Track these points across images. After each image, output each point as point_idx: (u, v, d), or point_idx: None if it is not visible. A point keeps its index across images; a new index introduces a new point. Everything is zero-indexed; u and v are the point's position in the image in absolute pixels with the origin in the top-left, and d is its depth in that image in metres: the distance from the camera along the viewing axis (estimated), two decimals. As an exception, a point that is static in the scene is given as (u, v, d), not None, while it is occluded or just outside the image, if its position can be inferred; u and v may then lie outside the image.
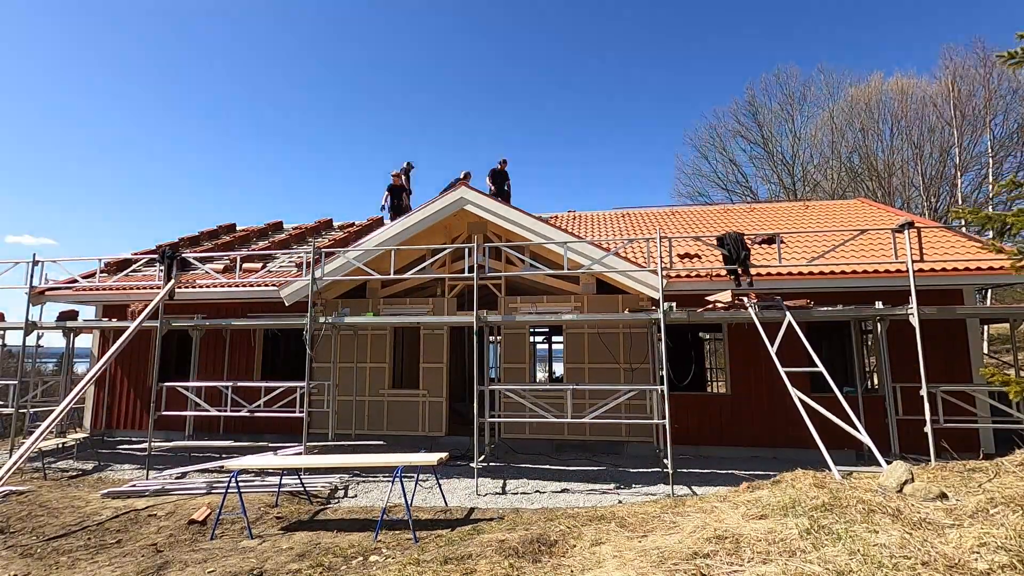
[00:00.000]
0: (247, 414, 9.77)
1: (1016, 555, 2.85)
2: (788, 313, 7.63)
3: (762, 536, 3.50)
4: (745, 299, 8.04)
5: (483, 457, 8.18)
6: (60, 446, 10.29)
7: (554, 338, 18.55)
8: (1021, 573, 2.72)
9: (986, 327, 19.91)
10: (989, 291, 20.24)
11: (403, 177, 13.73)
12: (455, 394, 12.86)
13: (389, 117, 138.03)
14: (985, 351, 16.32)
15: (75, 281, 11.54)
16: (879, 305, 7.64)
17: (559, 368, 14.40)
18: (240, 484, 6.49)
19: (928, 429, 7.08)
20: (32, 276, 10.07)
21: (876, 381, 11.34)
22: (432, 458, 6.49)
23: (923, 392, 7.14)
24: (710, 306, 8.36)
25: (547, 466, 9.13)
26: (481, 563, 4.20)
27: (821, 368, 7.01)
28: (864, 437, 6.25)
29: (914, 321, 7.33)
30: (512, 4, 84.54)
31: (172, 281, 9.88)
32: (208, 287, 11.08)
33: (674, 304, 8.23)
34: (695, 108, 70.69)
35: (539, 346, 19.42)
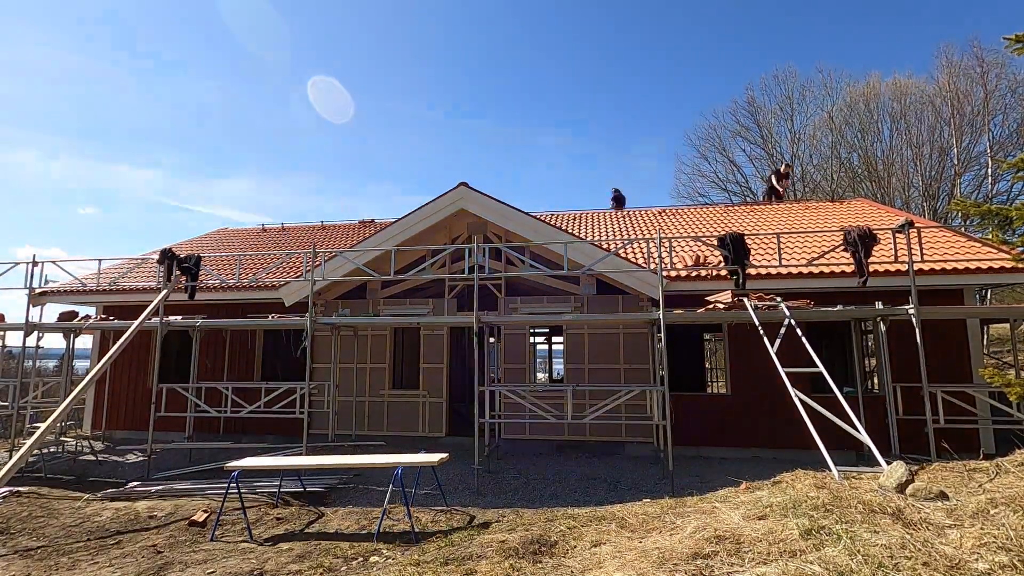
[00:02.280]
0: (247, 415, 9.76)
1: (1016, 555, 2.85)
2: (788, 313, 7.64)
3: (762, 536, 3.50)
4: (745, 299, 8.05)
5: (483, 457, 8.18)
6: (60, 447, 10.29)
7: (554, 338, 18.55)
8: (1021, 573, 2.72)
9: (986, 327, 19.91)
10: (989, 291, 20.25)
11: None
12: (455, 395, 12.85)
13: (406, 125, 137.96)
14: (985, 351, 16.30)
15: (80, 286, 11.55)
16: (879, 305, 7.64)
17: (559, 368, 14.40)
18: (240, 485, 6.49)
19: (928, 429, 7.08)
20: (32, 277, 10.07)
21: (876, 381, 11.34)
22: (432, 458, 6.49)
23: (923, 392, 7.15)
24: (710, 306, 8.36)
25: (547, 466, 9.13)
26: (481, 564, 4.20)
27: (821, 368, 7.01)
28: (864, 437, 6.24)
29: (914, 321, 7.33)
30: (510, 4, 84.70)
31: (172, 282, 9.88)
32: (210, 289, 11.09)
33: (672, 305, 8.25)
34: (695, 108, 70.81)
35: (539, 346, 19.42)
